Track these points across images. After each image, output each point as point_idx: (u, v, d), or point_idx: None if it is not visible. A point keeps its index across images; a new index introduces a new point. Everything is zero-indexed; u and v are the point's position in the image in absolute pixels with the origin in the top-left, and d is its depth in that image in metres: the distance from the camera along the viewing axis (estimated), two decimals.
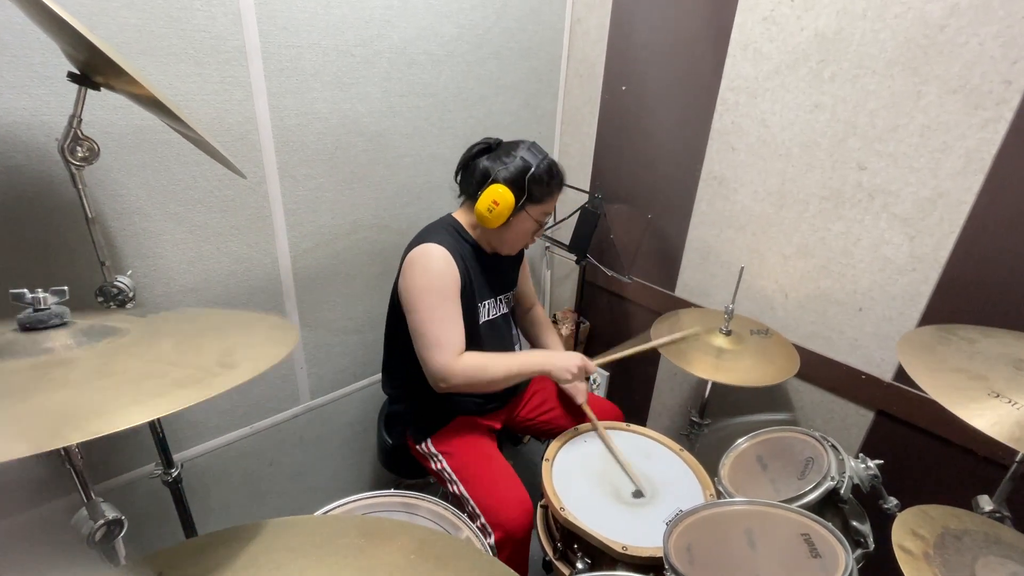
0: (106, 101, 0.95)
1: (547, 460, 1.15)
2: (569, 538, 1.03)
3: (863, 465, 1.03)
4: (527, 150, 1.15)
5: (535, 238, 1.28)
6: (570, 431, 1.25)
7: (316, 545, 0.61)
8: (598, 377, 1.97)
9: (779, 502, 0.90)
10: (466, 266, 1.17)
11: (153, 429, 0.99)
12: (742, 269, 1.36)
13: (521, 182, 1.12)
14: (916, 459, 1.25)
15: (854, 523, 1.01)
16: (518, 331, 1.42)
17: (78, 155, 0.77)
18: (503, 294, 1.32)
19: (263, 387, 1.35)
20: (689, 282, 1.63)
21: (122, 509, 0.68)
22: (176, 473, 1.04)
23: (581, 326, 1.96)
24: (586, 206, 1.66)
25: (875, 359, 1.27)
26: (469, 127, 1.57)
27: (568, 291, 2.03)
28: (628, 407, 1.43)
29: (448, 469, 1.21)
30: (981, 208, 1.06)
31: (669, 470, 1.16)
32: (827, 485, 0.98)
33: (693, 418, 1.44)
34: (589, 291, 1.94)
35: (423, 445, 1.27)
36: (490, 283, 1.26)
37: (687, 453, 1.19)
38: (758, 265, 1.44)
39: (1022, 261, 1.04)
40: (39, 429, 0.45)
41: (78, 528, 0.65)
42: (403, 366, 1.26)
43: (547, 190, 1.17)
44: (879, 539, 1.00)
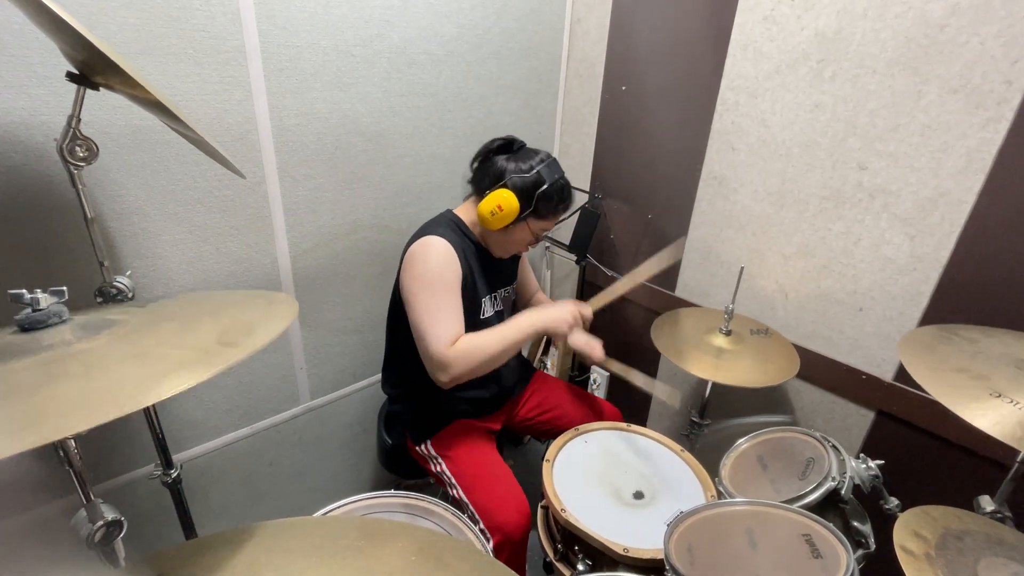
0: (105, 101, 0.95)
1: (548, 461, 1.15)
2: (570, 539, 1.03)
3: (864, 465, 1.03)
4: (546, 166, 1.14)
5: (529, 248, 1.28)
6: (570, 432, 1.25)
7: (316, 546, 0.61)
8: (598, 378, 1.97)
9: (780, 502, 0.90)
10: (468, 261, 1.16)
11: (152, 429, 0.99)
12: (742, 269, 1.36)
13: (531, 195, 1.12)
14: (917, 459, 1.25)
15: (855, 523, 1.01)
16: None
17: (77, 155, 0.77)
18: (503, 288, 1.32)
19: (263, 387, 1.35)
20: (689, 282, 1.63)
21: (121, 510, 0.68)
22: (176, 474, 1.04)
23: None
24: (586, 206, 1.66)
25: (876, 359, 1.27)
26: (469, 127, 1.57)
27: (568, 291, 2.03)
28: (628, 407, 1.43)
29: (448, 473, 1.21)
30: (982, 208, 1.06)
31: (670, 471, 1.16)
32: (828, 485, 0.98)
33: (693, 418, 1.44)
34: (589, 291, 1.93)
35: (423, 446, 1.27)
36: (490, 279, 1.26)
37: (687, 454, 1.19)
38: (758, 265, 1.44)
39: (1023, 261, 1.04)
40: (45, 421, 0.45)
41: (77, 529, 0.65)
42: (404, 365, 1.26)
43: (553, 210, 1.17)
44: (880, 539, 1.00)
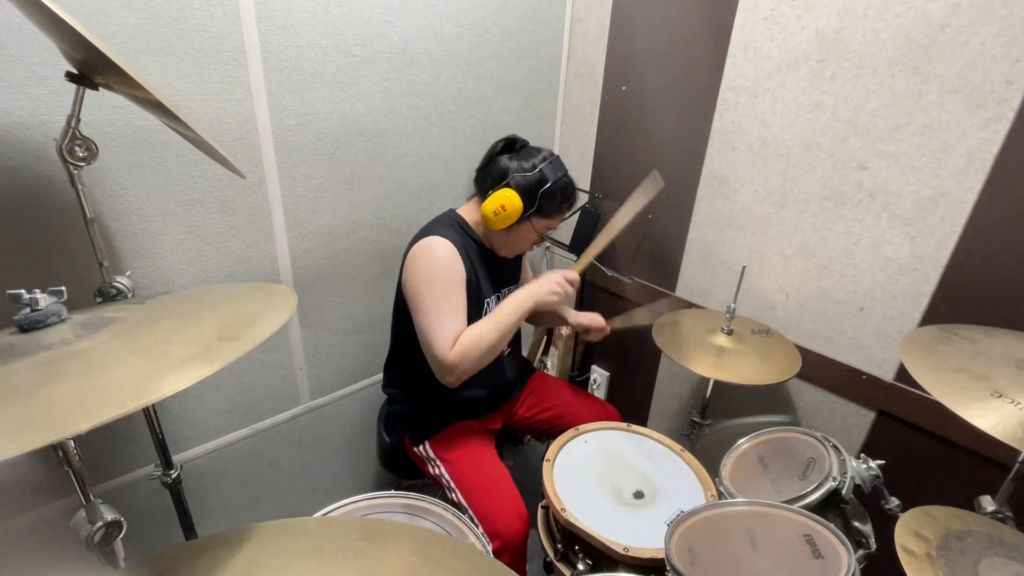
0: (104, 101, 0.95)
1: (548, 461, 1.15)
2: (570, 539, 1.03)
3: (865, 465, 1.03)
4: (548, 164, 1.13)
5: (534, 247, 1.28)
6: (571, 431, 1.25)
7: (316, 547, 0.61)
8: (598, 378, 1.97)
9: (781, 503, 0.90)
10: (471, 261, 1.16)
11: (152, 430, 0.99)
12: (744, 268, 1.36)
13: (534, 194, 1.12)
14: (917, 459, 1.24)
15: (856, 523, 1.01)
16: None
17: (76, 155, 0.77)
18: (506, 288, 1.31)
19: (263, 388, 1.35)
20: (689, 282, 1.63)
21: (121, 511, 0.68)
22: (175, 474, 1.04)
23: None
24: (586, 206, 1.66)
25: (876, 359, 1.27)
26: (469, 127, 1.57)
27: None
28: (628, 408, 1.43)
29: (447, 476, 1.20)
30: (983, 208, 1.06)
31: (670, 471, 1.16)
32: (829, 486, 0.98)
33: (694, 418, 1.44)
34: (589, 291, 1.94)
35: (421, 447, 1.27)
36: (494, 279, 1.26)
37: (688, 454, 1.19)
38: (759, 265, 1.44)
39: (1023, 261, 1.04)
40: (46, 421, 0.45)
41: (77, 530, 0.65)
42: (407, 365, 1.25)
43: (557, 208, 1.17)
44: (880, 539, 1.00)
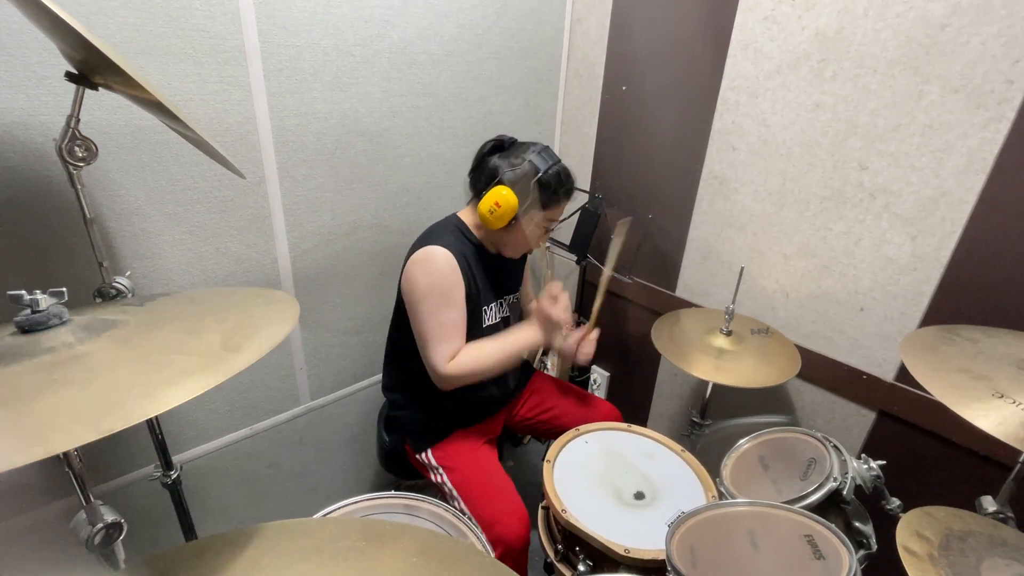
0: (104, 101, 0.95)
1: (548, 461, 1.15)
2: (571, 540, 1.03)
3: (866, 466, 1.03)
4: (537, 154, 1.12)
5: (540, 243, 1.26)
6: (571, 432, 1.25)
7: (317, 548, 0.61)
8: (598, 378, 1.97)
9: (781, 503, 0.90)
10: (470, 269, 1.15)
11: (152, 430, 0.99)
12: (742, 269, 1.36)
13: (526, 186, 1.10)
14: (918, 460, 1.24)
15: (856, 524, 1.01)
16: None
17: (76, 155, 0.76)
18: (507, 296, 1.31)
19: (263, 388, 1.35)
20: (690, 282, 1.62)
21: (121, 512, 0.67)
22: (175, 475, 1.04)
23: (581, 326, 1.96)
24: (586, 206, 1.66)
25: (876, 359, 1.27)
26: (469, 127, 1.57)
27: (568, 291, 2.02)
28: (628, 408, 1.43)
29: (449, 484, 1.20)
30: (983, 208, 1.06)
31: (671, 471, 1.16)
32: (830, 486, 0.97)
33: (694, 419, 1.44)
34: (589, 291, 1.93)
35: (423, 455, 1.26)
36: (494, 285, 1.25)
37: (688, 454, 1.19)
38: (759, 265, 1.44)
39: None
40: (52, 431, 0.44)
41: (77, 531, 0.65)
42: (405, 370, 1.25)
43: (553, 197, 1.14)
44: (881, 540, 1.00)
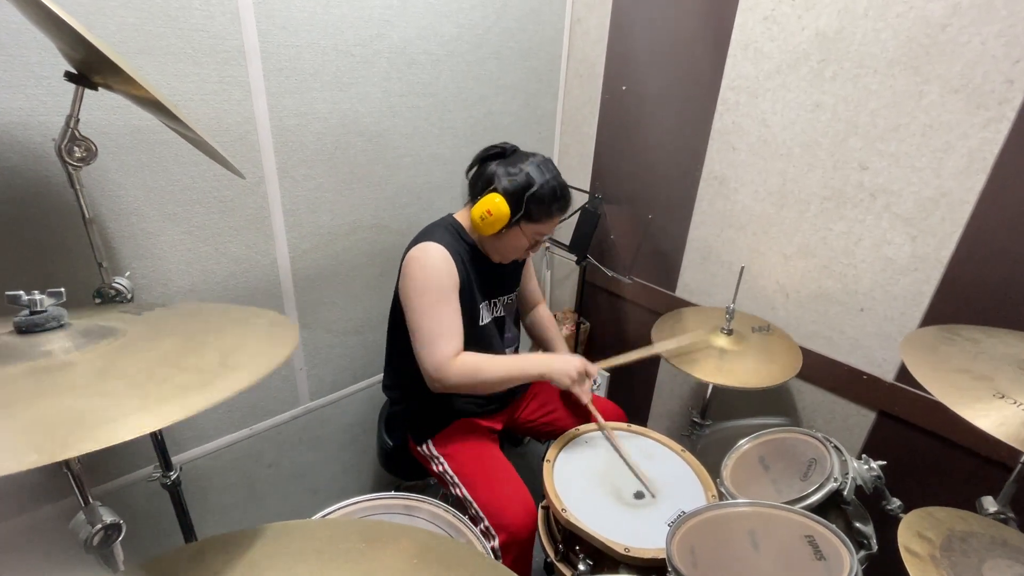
0: (103, 101, 0.95)
1: (548, 461, 1.15)
2: (571, 540, 1.03)
3: (866, 466, 1.03)
4: (535, 166, 1.11)
5: (529, 253, 1.26)
6: (571, 432, 1.25)
7: (317, 550, 0.61)
8: (599, 378, 1.97)
9: (782, 503, 0.90)
10: (465, 267, 1.16)
11: (152, 431, 0.99)
12: (743, 269, 1.36)
13: (520, 198, 1.09)
14: (918, 460, 1.24)
15: (857, 524, 1.01)
16: (517, 332, 1.41)
17: (75, 155, 0.76)
18: (501, 296, 1.30)
19: (262, 389, 1.35)
20: (690, 282, 1.62)
21: (120, 512, 0.67)
22: (175, 476, 1.03)
23: (581, 326, 1.96)
24: (586, 206, 1.66)
25: (877, 359, 1.27)
26: (469, 127, 1.57)
27: (568, 291, 2.03)
28: (629, 408, 1.42)
29: (450, 471, 1.20)
30: (983, 208, 1.06)
31: (671, 471, 1.15)
32: (830, 486, 0.97)
33: (694, 419, 1.44)
34: (589, 291, 1.94)
35: (424, 447, 1.26)
36: (489, 285, 1.25)
37: (689, 454, 1.19)
38: (759, 265, 1.44)
39: None
40: (47, 438, 0.44)
41: (76, 532, 0.65)
42: (404, 367, 1.25)
43: (545, 212, 1.13)
44: (882, 540, 1.00)
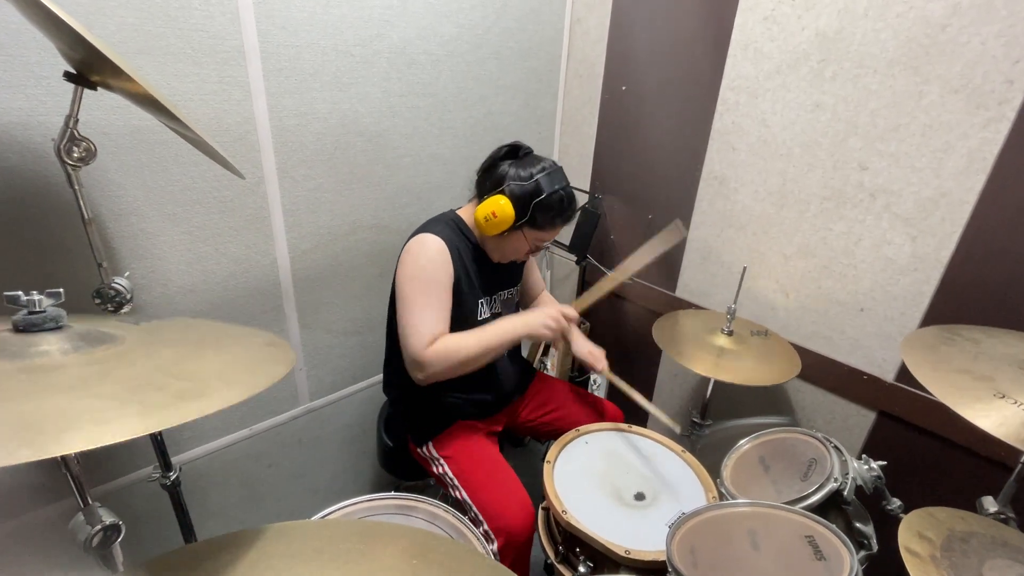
0: (103, 101, 0.94)
1: (548, 462, 1.15)
2: (571, 541, 1.03)
3: (866, 466, 1.03)
4: (546, 175, 1.11)
5: (528, 257, 1.26)
6: (571, 433, 1.25)
7: (317, 550, 0.60)
8: (598, 378, 1.97)
9: (782, 504, 0.89)
10: (463, 261, 1.15)
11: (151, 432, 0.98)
12: (744, 269, 1.36)
13: (527, 204, 1.09)
14: (918, 460, 1.24)
15: (857, 524, 1.01)
16: None
17: (74, 156, 0.76)
18: (501, 292, 1.30)
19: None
20: (690, 283, 1.62)
21: (119, 513, 0.67)
22: (174, 476, 1.03)
23: (581, 326, 1.96)
24: (586, 206, 1.66)
25: (877, 359, 1.27)
26: (469, 127, 1.57)
27: (568, 291, 2.03)
28: (629, 408, 1.42)
29: (450, 474, 1.20)
30: (983, 208, 1.06)
31: (671, 472, 1.15)
32: (830, 487, 0.97)
33: (694, 419, 1.44)
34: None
35: (425, 448, 1.26)
36: (488, 281, 1.25)
37: (689, 454, 1.19)
38: (759, 265, 1.44)
39: None
40: (40, 434, 0.44)
41: (75, 533, 0.65)
42: (404, 367, 1.25)
43: (550, 221, 1.13)
44: (882, 540, 1.00)
